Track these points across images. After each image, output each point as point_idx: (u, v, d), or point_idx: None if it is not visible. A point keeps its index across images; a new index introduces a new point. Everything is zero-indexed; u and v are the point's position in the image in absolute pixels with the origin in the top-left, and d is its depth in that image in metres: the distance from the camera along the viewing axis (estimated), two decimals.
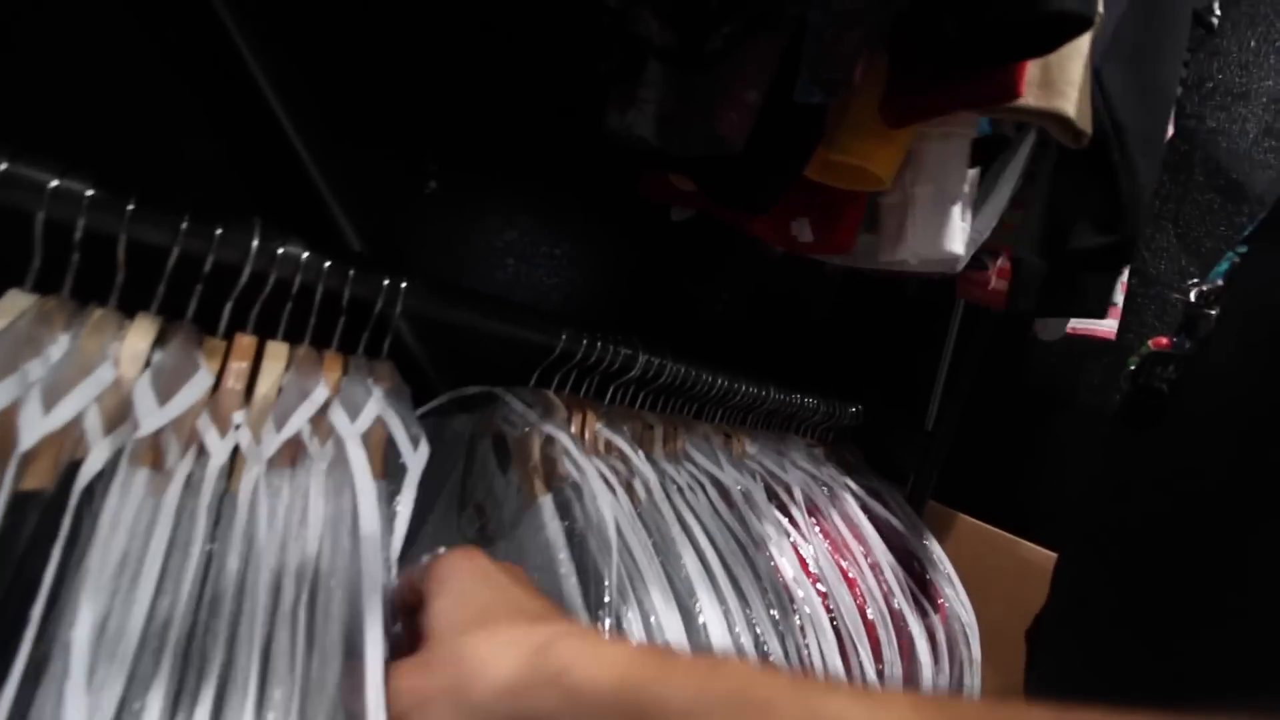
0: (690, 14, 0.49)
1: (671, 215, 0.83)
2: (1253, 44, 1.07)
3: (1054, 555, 1.09)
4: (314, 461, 0.43)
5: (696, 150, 0.53)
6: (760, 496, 0.70)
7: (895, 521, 0.83)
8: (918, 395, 1.13)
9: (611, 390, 0.74)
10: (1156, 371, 0.50)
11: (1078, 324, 0.92)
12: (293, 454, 0.43)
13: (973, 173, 0.69)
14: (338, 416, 0.41)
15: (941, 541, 1.12)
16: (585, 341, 0.63)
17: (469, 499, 0.61)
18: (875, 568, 0.72)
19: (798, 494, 0.73)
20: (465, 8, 0.73)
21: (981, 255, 0.87)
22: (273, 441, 0.40)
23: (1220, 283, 0.49)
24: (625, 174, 0.79)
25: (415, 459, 0.46)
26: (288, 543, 0.40)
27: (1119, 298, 0.89)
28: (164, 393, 0.37)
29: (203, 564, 0.38)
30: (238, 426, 0.42)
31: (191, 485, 0.39)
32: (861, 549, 0.73)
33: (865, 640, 0.67)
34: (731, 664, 0.28)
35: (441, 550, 0.39)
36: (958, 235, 0.58)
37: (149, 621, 0.34)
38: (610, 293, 1.04)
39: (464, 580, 0.34)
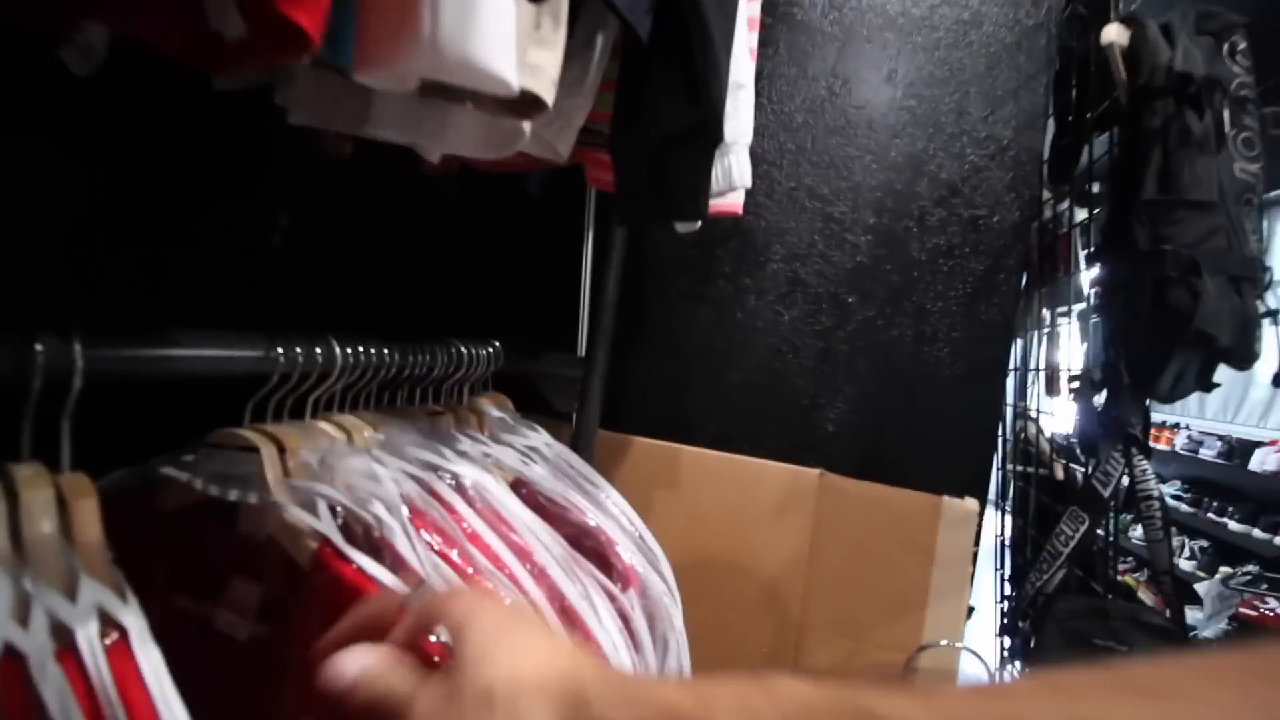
0: None
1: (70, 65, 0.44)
2: None
3: (711, 452, 1.03)
4: None
5: None
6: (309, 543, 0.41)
7: (559, 489, 0.61)
8: (563, 317, 0.93)
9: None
10: None
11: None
12: None
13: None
14: None
15: (617, 469, 0.97)
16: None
17: None
18: (537, 573, 0.50)
19: (401, 511, 0.45)
20: None
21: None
22: None
23: None
24: None
25: None
26: None
27: (745, 176, 0.74)
28: None
29: None
30: None
31: None
32: (513, 554, 0.50)
33: None
34: (772, 682, 0.24)
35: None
36: (501, 46, 0.33)
37: None
38: (87, 234, 0.61)
39: (496, 616, 0.30)
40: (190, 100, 0.64)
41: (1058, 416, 1.18)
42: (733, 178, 0.57)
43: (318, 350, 0.52)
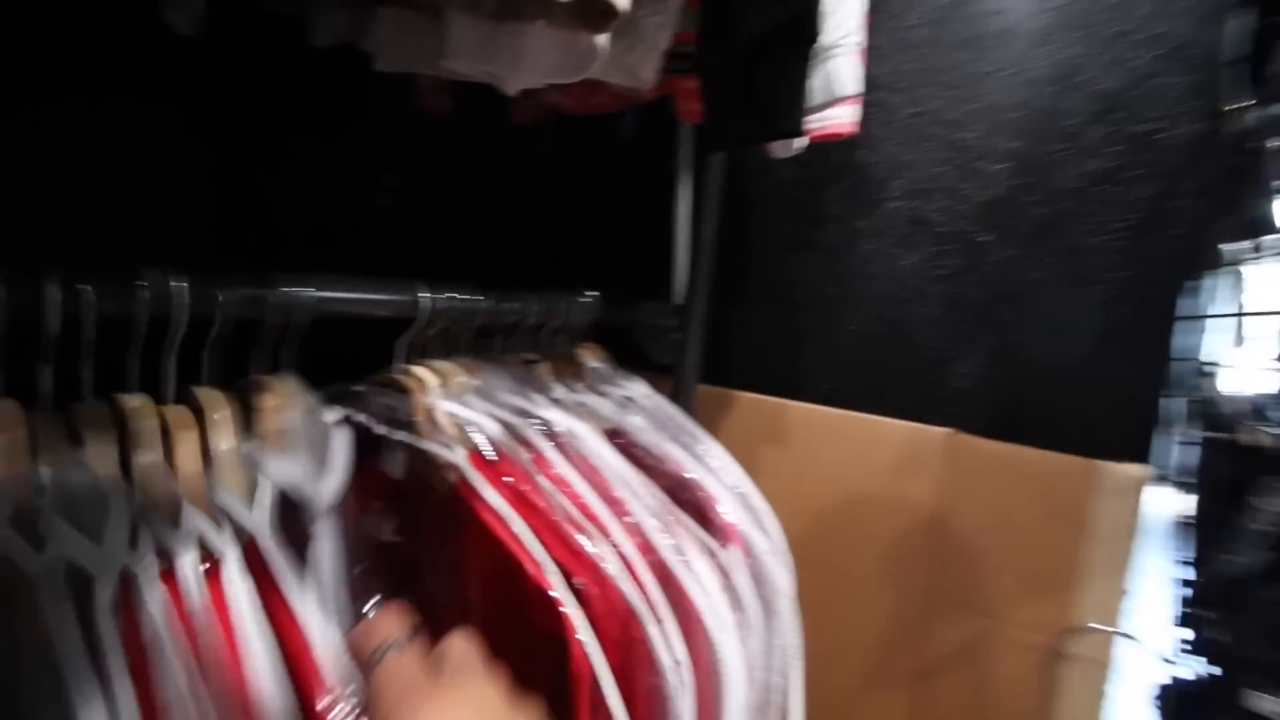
0: None
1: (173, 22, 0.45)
2: None
3: (824, 408, 0.96)
4: None
5: None
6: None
7: (657, 440, 0.58)
8: (659, 264, 0.89)
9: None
10: None
11: (812, 125, 0.69)
12: None
13: None
14: None
15: (721, 426, 0.92)
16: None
17: None
18: (629, 524, 0.46)
19: (487, 452, 0.43)
20: None
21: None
22: None
23: None
24: None
25: None
26: None
27: (849, 84, 0.64)
28: None
29: None
30: None
31: None
32: (604, 503, 0.47)
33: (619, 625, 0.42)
34: None
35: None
36: None
37: None
38: (210, 205, 0.64)
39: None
40: (296, 68, 0.66)
41: (1248, 371, 1.00)
42: (833, 85, 0.50)
43: (404, 297, 0.51)
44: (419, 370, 0.52)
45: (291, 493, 0.34)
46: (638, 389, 0.67)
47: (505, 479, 0.46)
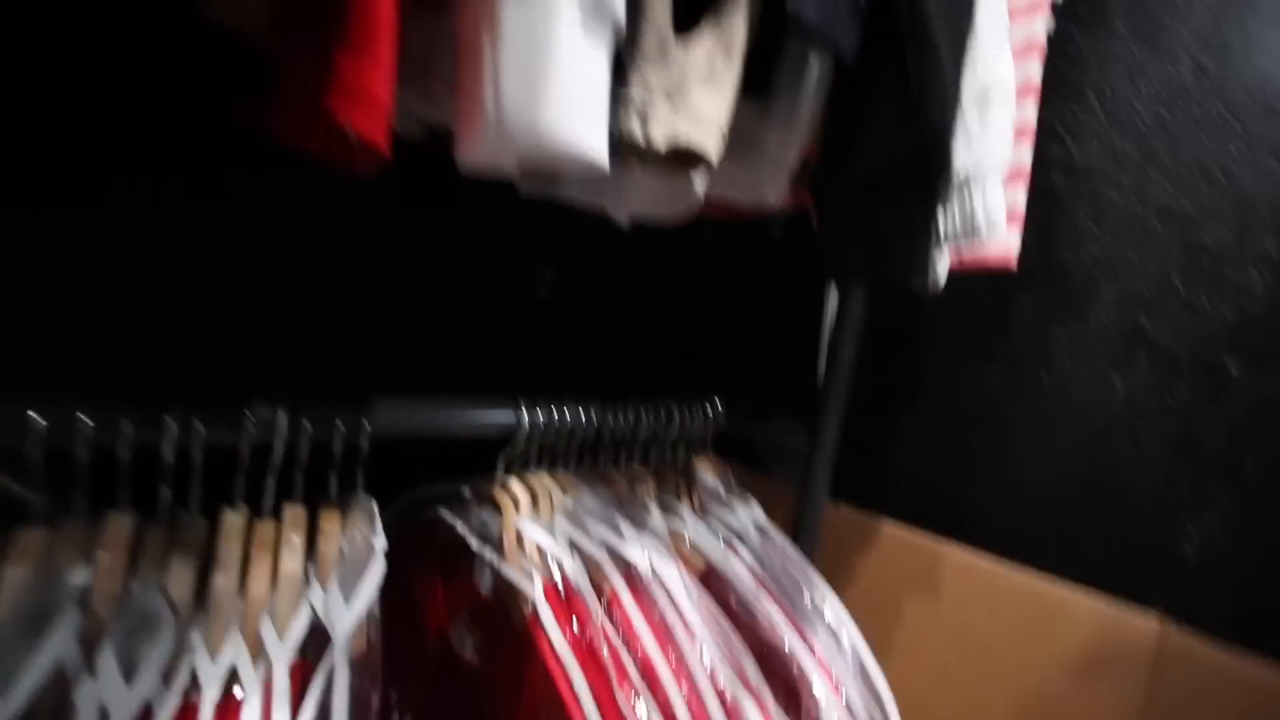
0: None
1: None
2: None
3: (993, 558, 0.76)
4: None
5: None
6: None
7: (755, 592, 0.52)
8: (798, 375, 0.83)
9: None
10: None
11: (963, 252, 0.60)
12: None
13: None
14: None
15: (858, 561, 0.81)
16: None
17: None
18: (694, 700, 0.41)
19: (562, 588, 0.42)
20: None
21: None
22: None
23: None
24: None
25: None
26: None
27: (992, 216, 0.53)
28: None
29: None
30: None
31: None
32: (670, 670, 0.42)
33: None
34: None
35: None
36: (582, 112, 0.27)
37: None
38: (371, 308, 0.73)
39: None
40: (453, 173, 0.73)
41: None
42: (976, 219, 0.42)
43: (502, 418, 0.53)
44: (515, 486, 0.53)
45: (323, 621, 0.35)
46: (750, 518, 0.62)
47: (575, 621, 0.44)
